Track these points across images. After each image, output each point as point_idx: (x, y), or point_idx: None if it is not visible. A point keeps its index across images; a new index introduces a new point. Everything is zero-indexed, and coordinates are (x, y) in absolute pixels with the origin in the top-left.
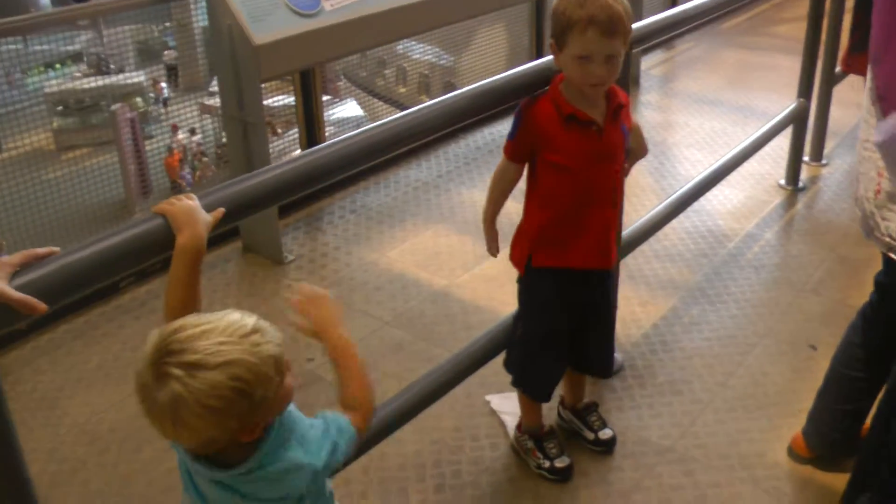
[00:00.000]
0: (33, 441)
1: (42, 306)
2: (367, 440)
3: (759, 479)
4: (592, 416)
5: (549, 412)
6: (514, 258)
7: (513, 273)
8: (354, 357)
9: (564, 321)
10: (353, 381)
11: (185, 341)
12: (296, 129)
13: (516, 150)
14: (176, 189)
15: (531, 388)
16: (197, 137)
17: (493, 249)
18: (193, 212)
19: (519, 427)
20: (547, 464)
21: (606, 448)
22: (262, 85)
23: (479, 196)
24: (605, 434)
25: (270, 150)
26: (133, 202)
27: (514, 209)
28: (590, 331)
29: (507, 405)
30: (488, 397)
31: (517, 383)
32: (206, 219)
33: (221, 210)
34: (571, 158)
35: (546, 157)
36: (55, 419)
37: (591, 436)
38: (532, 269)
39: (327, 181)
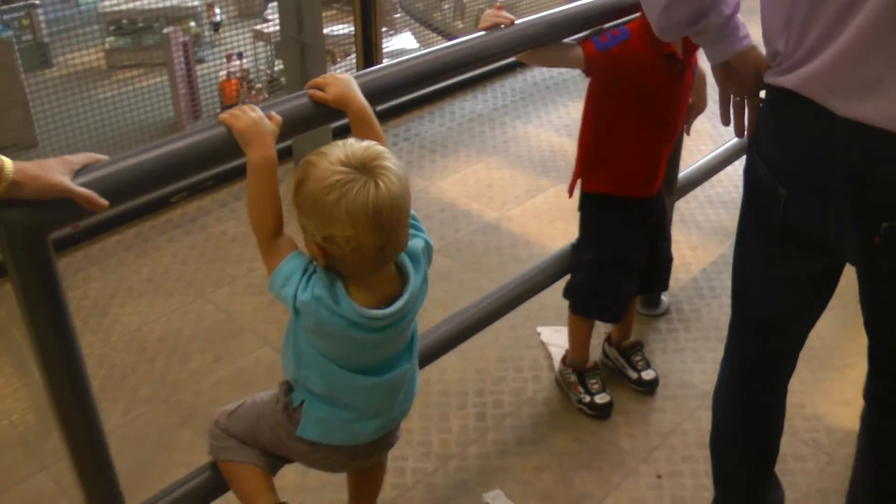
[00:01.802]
0: (84, 346)
1: (104, 202)
2: None
3: (797, 430)
4: (637, 355)
5: (594, 350)
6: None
7: (563, 210)
8: (374, 118)
9: (632, 240)
10: (380, 135)
11: (370, 148)
12: (353, 57)
13: (599, 62)
14: None
15: (602, 311)
16: (246, 61)
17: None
18: (259, 125)
19: (564, 360)
20: (587, 399)
21: (648, 388)
22: (323, 14)
23: (533, 131)
24: (649, 375)
25: None
26: (183, 124)
27: (569, 146)
28: (651, 248)
29: (557, 338)
30: (539, 328)
31: (580, 309)
32: (272, 129)
33: (279, 118)
34: (653, 94)
35: (626, 88)
36: (106, 326)
37: (634, 375)
38: (586, 195)
39: (390, 101)
